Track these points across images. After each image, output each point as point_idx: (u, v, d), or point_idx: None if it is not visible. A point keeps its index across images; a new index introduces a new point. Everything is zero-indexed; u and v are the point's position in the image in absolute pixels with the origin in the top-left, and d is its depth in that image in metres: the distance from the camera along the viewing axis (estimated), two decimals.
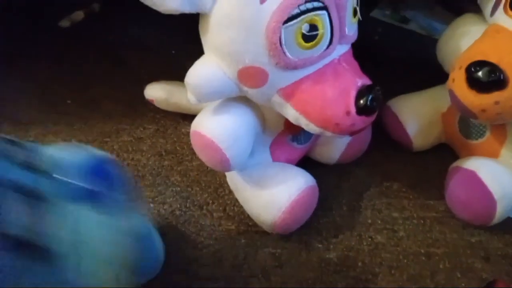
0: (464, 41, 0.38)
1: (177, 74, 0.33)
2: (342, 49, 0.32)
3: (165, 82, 0.48)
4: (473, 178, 0.37)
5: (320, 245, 0.40)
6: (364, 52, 0.55)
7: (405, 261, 0.39)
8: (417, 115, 0.44)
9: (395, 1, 0.66)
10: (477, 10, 0.39)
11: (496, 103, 0.31)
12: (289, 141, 0.40)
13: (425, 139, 0.44)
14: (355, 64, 0.33)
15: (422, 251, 0.40)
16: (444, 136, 0.44)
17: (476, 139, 0.40)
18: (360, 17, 0.33)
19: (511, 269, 0.38)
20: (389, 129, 0.46)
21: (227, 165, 0.35)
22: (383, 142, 0.47)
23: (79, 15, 0.66)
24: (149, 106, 0.52)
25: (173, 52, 0.60)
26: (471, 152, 0.41)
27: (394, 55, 0.60)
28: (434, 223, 0.42)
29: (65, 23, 0.66)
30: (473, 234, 0.40)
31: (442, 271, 0.38)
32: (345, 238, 0.41)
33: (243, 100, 0.35)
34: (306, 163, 0.44)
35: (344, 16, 0.30)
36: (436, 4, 0.64)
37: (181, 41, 0.60)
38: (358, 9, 0.33)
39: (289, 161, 0.41)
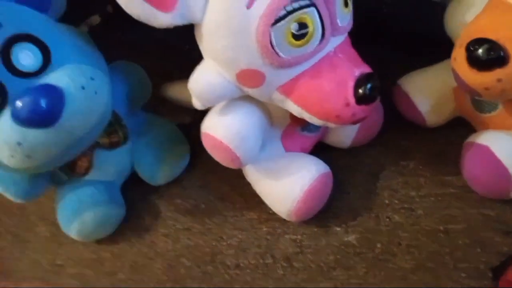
0: (469, 13, 0.37)
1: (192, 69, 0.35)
2: (336, 40, 0.32)
3: (179, 81, 0.50)
4: (487, 153, 0.37)
5: (338, 229, 0.42)
6: (373, 26, 0.55)
7: (424, 239, 0.40)
8: (428, 92, 0.43)
9: None
10: None
11: (499, 80, 0.31)
12: (300, 131, 0.41)
13: (439, 116, 0.44)
14: (352, 53, 0.34)
15: (441, 228, 0.40)
16: (458, 110, 0.43)
17: (489, 112, 0.39)
18: (351, 7, 0.33)
19: None
20: (401, 108, 0.46)
21: (238, 163, 0.36)
22: (397, 120, 0.46)
23: (95, 19, 0.69)
24: (166, 104, 0.53)
25: (187, 47, 0.61)
26: (485, 126, 0.40)
27: (406, 26, 0.58)
28: (452, 199, 0.41)
29: (83, 28, 0.68)
30: (492, 207, 0.40)
31: (461, 247, 0.38)
32: (363, 220, 0.42)
33: (248, 98, 0.36)
34: (321, 147, 0.45)
35: (334, 9, 0.31)
36: None
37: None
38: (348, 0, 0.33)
39: (302, 150, 0.42)
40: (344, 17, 0.32)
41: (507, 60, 0.30)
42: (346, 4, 0.32)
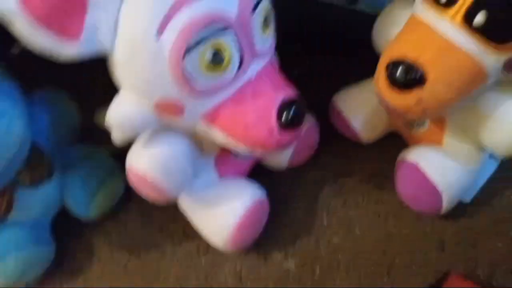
0: (394, 30, 0.37)
1: None
2: (258, 65, 0.31)
3: None
4: (416, 171, 0.37)
5: (278, 255, 0.40)
6: (316, 41, 0.55)
7: (362, 260, 0.39)
8: (361, 108, 0.43)
9: None
10: None
11: (419, 100, 0.31)
12: (233, 155, 0.40)
13: (372, 132, 0.44)
14: (276, 77, 0.33)
15: (378, 247, 0.40)
16: (391, 125, 0.44)
17: (418, 128, 0.40)
18: (272, 30, 0.33)
19: (465, 255, 0.38)
20: (336, 125, 0.45)
21: (164, 197, 0.35)
22: (334, 139, 0.46)
23: None
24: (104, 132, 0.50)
25: None
26: (416, 141, 0.41)
27: (348, 40, 0.58)
28: (388, 217, 0.42)
29: (15, 50, 0.64)
30: (427, 223, 0.40)
31: (398, 266, 0.38)
32: (303, 245, 0.41)
33: (173, 127, 0.34)
34: (260, 170, 0.44)
35: (251, 34, 0.30)
36: None
37: None
38: (270, 21, 0.32)
39: (238, 175, 0.41)
40: (264, 41, 0.31)
41: (425, 80, 0.30)
42: (265, 28, 0.31)
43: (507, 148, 0.34)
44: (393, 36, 0.35)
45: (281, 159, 0.43)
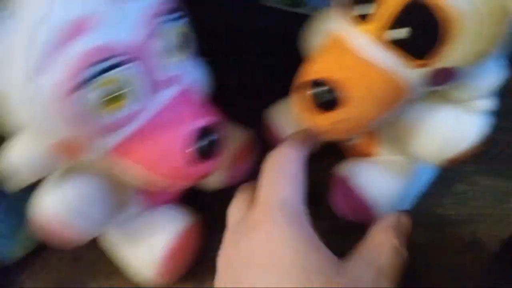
0: (316, 41, 0.36)
1: None
2: (168, 93, 0.29)
3: None
4: (346, 184, 0.36)
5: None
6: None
7: None
8: (293, 122, 0.41)
9: None
10: None
11: (338, 121, 0.29)
12: None
13: None
14: (189, 104, 0.30)
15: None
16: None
17: (351, 141, 0.39)
18: (185, 55, 0.30)
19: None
20: (269, 140, 0.43)
21: (78, 240, 0.32)
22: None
23: None
24: None
25: None
26: (351, 153, 0.40)
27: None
28: (329, 231, 0.40)
29: None
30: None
31: None
32: None
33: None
34: (195, 193, 0.41)
35: (155, 62, 0.27)
36: None
37: None
38: (182, 45, 0.29)
39: (168, 202, 0.39)
40: (174, 68, 0.29)
41: (342, 101, 0.28)
42: (174, 53, 0.29)
43: (436, 157, 0.34)
44: (314, 47, 0.33)
45: (214, 181, 0.41)
